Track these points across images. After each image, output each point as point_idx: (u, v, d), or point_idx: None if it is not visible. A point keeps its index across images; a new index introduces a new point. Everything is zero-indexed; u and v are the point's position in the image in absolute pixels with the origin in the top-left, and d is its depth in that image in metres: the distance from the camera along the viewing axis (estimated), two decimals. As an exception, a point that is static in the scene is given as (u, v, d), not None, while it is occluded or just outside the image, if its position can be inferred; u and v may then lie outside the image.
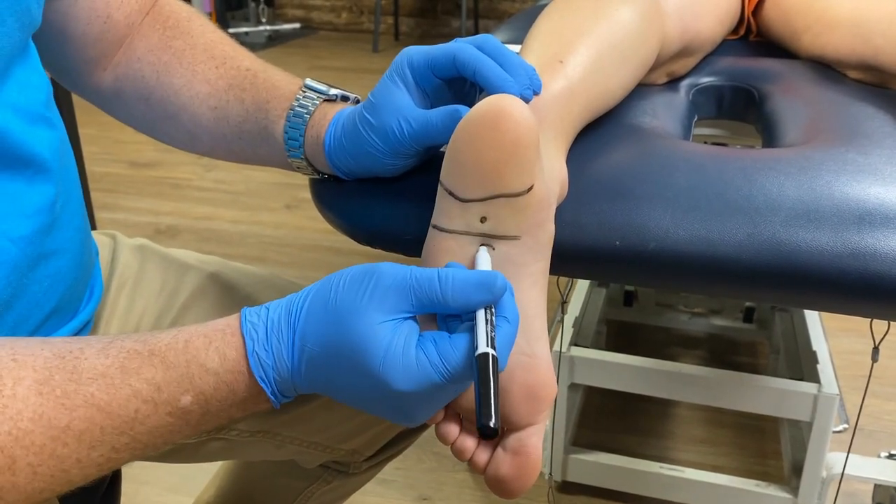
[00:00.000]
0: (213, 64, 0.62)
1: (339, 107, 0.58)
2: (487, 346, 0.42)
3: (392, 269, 0.44)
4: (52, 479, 0.41)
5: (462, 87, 0.56)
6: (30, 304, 0.53)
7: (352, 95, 0.60)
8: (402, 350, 0.43)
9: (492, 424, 0.40)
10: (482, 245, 0.50)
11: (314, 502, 0.82)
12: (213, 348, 0.44)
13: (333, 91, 0.59)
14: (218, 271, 0.72)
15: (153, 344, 0.44)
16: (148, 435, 0.43)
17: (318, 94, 0.58)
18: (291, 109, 0.58)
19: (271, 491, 0.84)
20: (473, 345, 0.43)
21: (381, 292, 0.43)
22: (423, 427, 0.78)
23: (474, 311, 0.44)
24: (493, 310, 0.45)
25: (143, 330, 0.67)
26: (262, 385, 0.44)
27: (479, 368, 0.42)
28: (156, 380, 0.43)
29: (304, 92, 0.58)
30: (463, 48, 0.52)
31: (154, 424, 0.43)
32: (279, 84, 0.60)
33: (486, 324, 0.44)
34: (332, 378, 0.44)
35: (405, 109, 0.53)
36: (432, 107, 0.55)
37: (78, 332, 0.60)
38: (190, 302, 0.69)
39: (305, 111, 0.58)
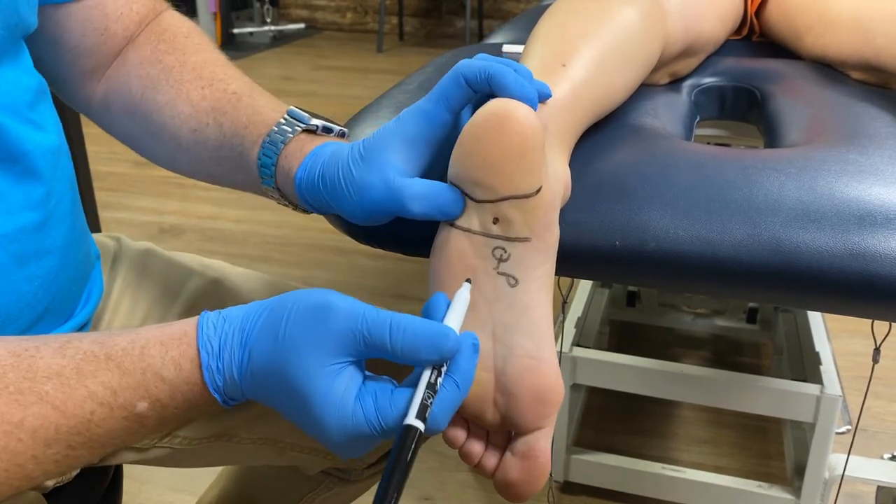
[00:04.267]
0: (199, 84, 0.60)
1: (320, 140, 0.55)
2: (416, 416, 0.41)
3: (345, 307, 0.43)
4: (8, 473, 0.41)
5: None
6: (20, 304, 0.53)
7: (336, 127, 0.57)
8: (339, 399, 0.42)
9: None
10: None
11: None
12: (169, 358, 0.44)
13: (315, 121, 0.56)
14: (221, 277, 0.71)
15: (109, 347, 0.44)
16: (105, 436, 0.44)
17: (299, 123, 0.55)
18: (268, 136, 0.55)
19: (273, 495, 0.84)
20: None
21: (329, 335, 0.42)
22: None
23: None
24: (445, 367, 0.44)
25: None
26: (215, 395, 0.45)
27: (398, 442, 0.41)
28: (112, 384, 0.43)
29: (286, 119, 0.55)
30: (465, 64, 0.49)
31: (110, 427, 0.43)
32: (261, 109, 0.57)
33: (425, 388, 0.42)
34: (275, 403, 0.45)
35: (389, 175, 0.50)
36: (439, 157, 0.52)
37: None
38: (191, 308, 0.69)
39: (281, 139, 0.55)
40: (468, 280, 0.50)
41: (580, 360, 1.09)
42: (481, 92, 0.50)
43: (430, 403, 0.42)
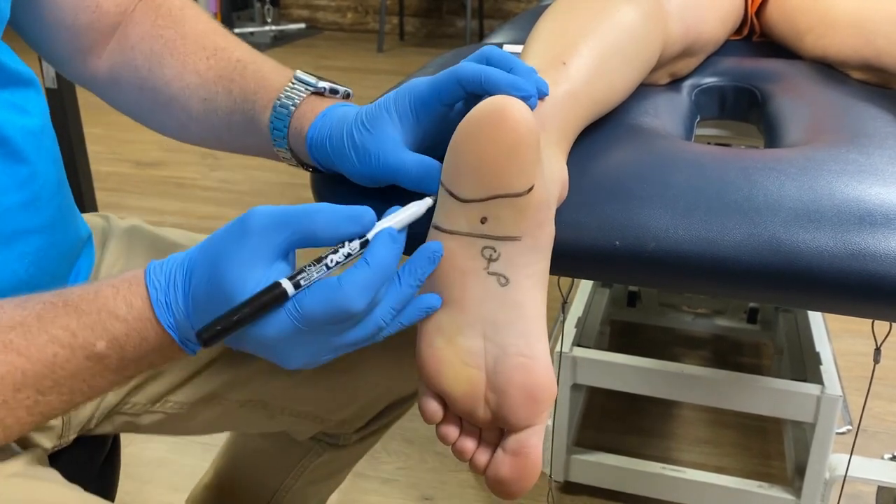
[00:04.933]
0: (203, 55, 0.62)
1: (329, 101, 0.58)
2: (291, 279, 0.43)
3: (265, 209, 0.45)
4: None
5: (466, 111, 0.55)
6: (13, 280, 0.55)
7: (341, 89, 0.60)
8: None
9: (204, 336, 0.42)
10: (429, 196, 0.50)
11: (307, 477, 0.84)
12: (121, 297, 0.46)
13: (322, 84, 0.58)
14: None
15: (67, 296, 0.47)
16: (71, 379, 0.46)
17: (307, 87, 0.58)
18: (278, 100, 0.58)
19: (265, 467, 0.86)
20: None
21: (251, 236, 0.44)
22: (412, 398, 0.79)
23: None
24: (359, 252, 0.45)
25: None
26: (170, 332, 0.46)
27: (261, 291, 0.43)
28: (70, 326, 0.45)
29: (293, 83, 0.58)
30: (463, 67, 0.51)
31: (74, 368, 0.46)
32: (268, 75, 0.60)
33: (320, 262, 0.44)
34: None
35: (388, 144, 0.53)
36: (428, 137, 0.54)
37: None
38: None
39: (291, 102, 0.57)
40: (434, 197, 0.50)
41: (580, 360, 1.09)
42: (475, 92, 0.51)
43: (314, 276, 0.44)
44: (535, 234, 0.49)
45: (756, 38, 0.94)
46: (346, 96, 0.60)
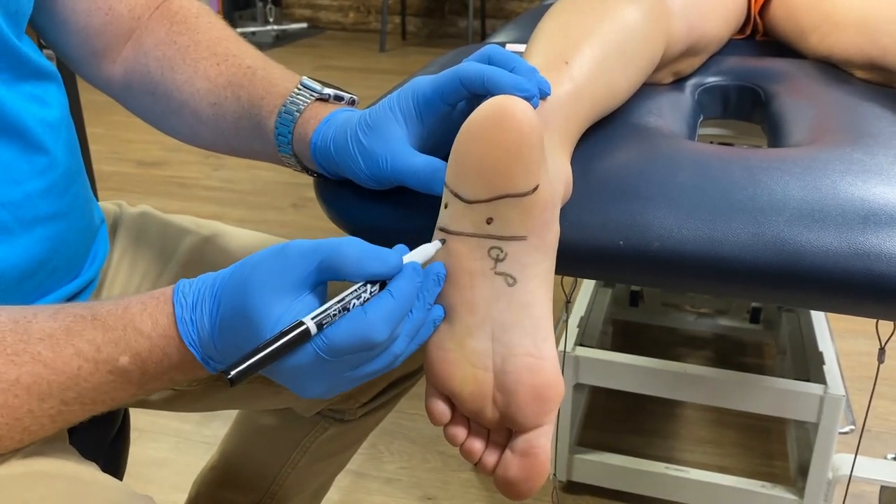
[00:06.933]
0: (214, 61, 0.63)
1: (333, 107, 0.58)
2: (312, 318, 0.44)
3: (301, 243, 0.46)
4: (9, 427, 0.46)
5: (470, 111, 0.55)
6: (32, 263, 0.57)
7: (347, 95, 0.60)
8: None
9: (230, 375, 0.42)
10: (440, 239, 0.50)
11: (313, 453, 0.84)
12: (147, 314, 0.47)
13: (327, 90, 0.59)
14: (214, 234, 0.75)
15: (96, 310, 0.48)
16: (93, 391, 0.47)
17: (312, 93, 0.58)
18: (283, 106, 0.58)
19: (270, 443, 0.86)
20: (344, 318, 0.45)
21: (284, 268, 0.45)
22: (417, 374, 0.80)
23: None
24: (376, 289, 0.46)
25: (144, 290, 0.71)
26: (192, 350, 0.47)
27: (284, 330, 0.43)
28: (96, 341, 0.47)
29: (299, 90, 0.59)
30: (465, 67, 0.51)
31: (97, 382, 0.47)
32: (276, 81, 0.61)
33: (340, 300, 0.44)
34: (239, 347, 0.46)
35: (395, 145, 0.53)
36: (432, 137, 0.54)
37: (82, 291, 0.64)
38: (186, 263, 0.72)
39: (296, 108, 0.58)
40: (443, 241, 0.50)
41: (583, 360, 1.09)
42: (477, 92, 0.51)
43: (336, 316, 0.44)
44: (541, 233, 0.49)
45: (759, 37, 0.94)
46: (352, 103, 0.60)
